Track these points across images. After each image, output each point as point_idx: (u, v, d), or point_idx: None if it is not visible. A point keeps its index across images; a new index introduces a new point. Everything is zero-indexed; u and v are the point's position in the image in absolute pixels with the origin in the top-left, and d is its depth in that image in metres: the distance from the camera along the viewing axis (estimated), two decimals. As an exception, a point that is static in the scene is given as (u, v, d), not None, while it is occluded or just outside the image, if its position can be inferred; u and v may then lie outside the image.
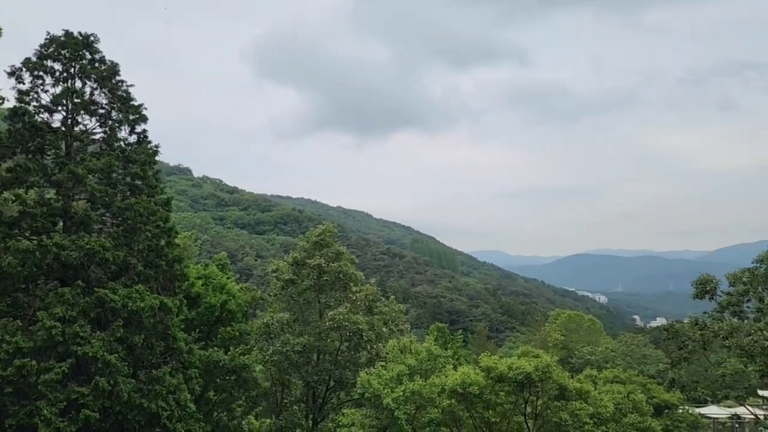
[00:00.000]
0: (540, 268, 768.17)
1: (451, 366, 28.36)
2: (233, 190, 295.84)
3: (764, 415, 46.53)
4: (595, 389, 27.69)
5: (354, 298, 33.74)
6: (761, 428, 39.52)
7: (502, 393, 24.39)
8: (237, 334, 32.21)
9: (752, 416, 43.48)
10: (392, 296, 38.52)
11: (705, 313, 41.06)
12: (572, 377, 27.36)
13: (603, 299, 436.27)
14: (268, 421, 33.06)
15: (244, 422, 33.13)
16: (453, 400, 24.59)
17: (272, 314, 32.12)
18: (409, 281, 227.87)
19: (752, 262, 40.10)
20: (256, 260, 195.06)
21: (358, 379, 25.93)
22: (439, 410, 24.25)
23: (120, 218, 25.72)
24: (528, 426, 24.69)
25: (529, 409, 24.74)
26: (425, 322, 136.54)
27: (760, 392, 52.59)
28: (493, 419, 25.03)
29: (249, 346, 31.77)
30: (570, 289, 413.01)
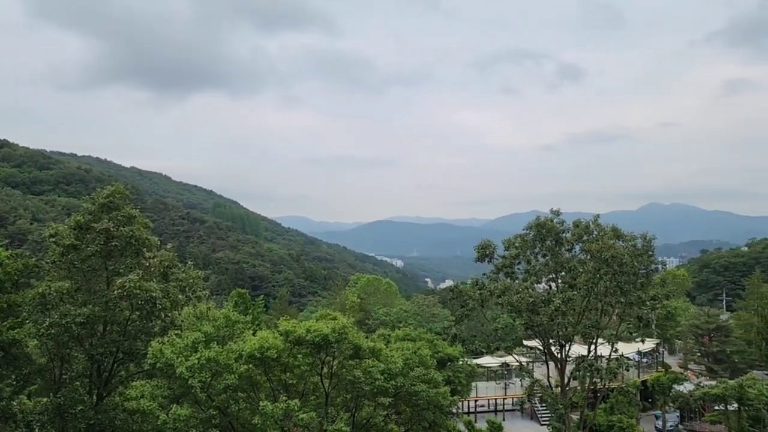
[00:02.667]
0: (343, 234, 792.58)
1: (251, 331, 28.13)
2: (2, 144, 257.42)
3: (527, 361, 53.60)
4: (387, 347, 29.45)
5: (147, 264, 31.51)
6: (524, 373, 45.43)
7: (299, 355, 24.82)
8: (5, 306, 28.42)
9: (518, 363, 49.81)
10: (190, 262, 36.77)
11: (484, 274, 45.74)
12: (367, 337, 28.76)
13: (400, 263, 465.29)
14: (45, 399, 29.89)
15: (14, 402, 29.53)
16: (251, 365, 24.45)
17: (49, 283, 28.75)
18: (210, 247, 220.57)
19: (523, 229, 45.41)
20: (31, 224, 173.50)
21: (150, 348, 24.55)
22: (236, 376, 23.97)
23: None
24: (324, 385, 25.53)
25: (325, 370, 25.52)
26: (226, 288, 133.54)
27: (525, 342, 60.50)
28: (290, 381, 25.42)
29: (20, 319, 28.27)
30: (370, 254, 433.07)
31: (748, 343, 70.26)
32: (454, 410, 40.47)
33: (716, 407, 44.05)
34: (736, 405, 40.35)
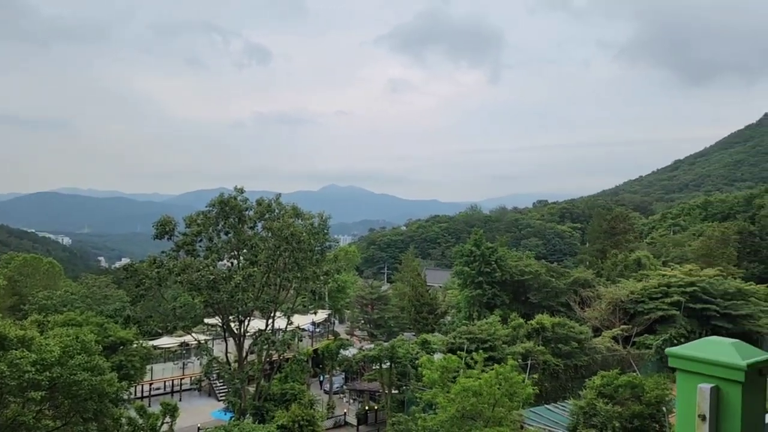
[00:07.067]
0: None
1: None
2: None
3: (206, 339, 53.13)
4: (43, 335, 25.91)
5: None
6: (202, 351, 44.86)
7: None
8: None
9: (196, 341, 49.01)
10: None
11: (163, 252, 43.65)
12: (16, 325, 24.81)
13: (67, 241, 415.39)
14: None
15: None
16: None
17: None
18: None
19: (207, 206, 44.62)
20: None
21: None
22: None
23: None
24: (-47, 386, 21.21)
25: (-44, 367, 21.19)
26: None
27: (206, 320, 59.79)
28: None
29: None
30: (29, 230, 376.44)
31: (401, 310, 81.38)
32: (126, 396, 37.86)
33: (374, 366, 50.02)
34: (388, 363, 46.38)
